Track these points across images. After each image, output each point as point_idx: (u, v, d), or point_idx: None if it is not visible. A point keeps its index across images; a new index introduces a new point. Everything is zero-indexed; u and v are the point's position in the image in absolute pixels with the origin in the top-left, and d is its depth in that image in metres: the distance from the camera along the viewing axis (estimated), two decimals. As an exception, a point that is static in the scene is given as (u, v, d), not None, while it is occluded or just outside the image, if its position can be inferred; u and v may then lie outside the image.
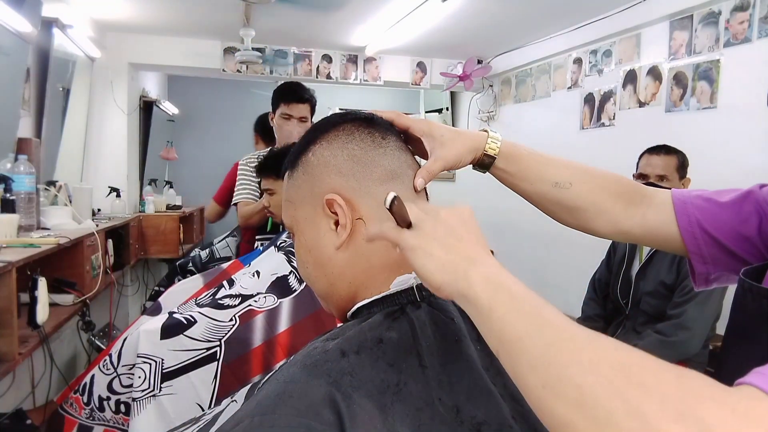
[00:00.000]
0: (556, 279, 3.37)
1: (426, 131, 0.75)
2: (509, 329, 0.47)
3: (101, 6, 2.97)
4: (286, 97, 2.44)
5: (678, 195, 0.80)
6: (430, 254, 0.54)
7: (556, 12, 2.95)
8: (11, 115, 2.26)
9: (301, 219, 0.70)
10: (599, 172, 0.85)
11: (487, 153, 0.79)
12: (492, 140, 0.79)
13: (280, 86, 2.51)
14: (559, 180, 0.81)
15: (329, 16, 3.08)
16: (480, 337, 0.62)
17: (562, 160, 0.84)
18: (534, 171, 0.82)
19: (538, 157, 0.83)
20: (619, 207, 0.82)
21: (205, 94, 5.39)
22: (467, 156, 0.78)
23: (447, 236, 0.55)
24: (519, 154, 0.82)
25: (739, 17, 2.24)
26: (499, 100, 4.13)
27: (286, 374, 0.56)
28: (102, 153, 3.47)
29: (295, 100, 2.42)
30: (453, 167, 0.77)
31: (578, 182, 0.82)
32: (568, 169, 0.83)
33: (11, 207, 1.88)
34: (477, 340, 0.62)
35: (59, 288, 2.07)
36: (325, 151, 0.68)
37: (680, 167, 2.07)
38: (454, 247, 0.54)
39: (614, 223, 0.83)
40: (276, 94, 2.47)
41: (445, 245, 0.54)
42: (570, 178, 0.82)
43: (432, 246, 0.54)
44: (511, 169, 0.81)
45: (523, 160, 0.82)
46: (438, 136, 0.75)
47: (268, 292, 1.47)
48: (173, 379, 1.30)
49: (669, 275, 2.04)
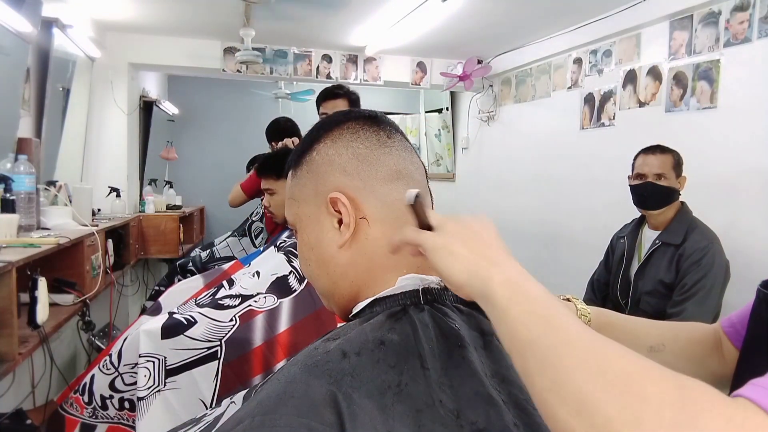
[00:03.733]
0: (556, 279, 3.37)
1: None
2: (522, 330, 0.48)
3: (101, 6, 2.97)
4: (321, 96, 2.50)
5: (724, 323, 0.79)
6: (453, 252, 0.54)
7: (556, 12, 2.95)
8: (11, 115, 2.26)
9: (305, 217, 0.69)
10: (680, 326, 0.81)
11: None
12: (582, 312, 0.76)
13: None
14: (652, 343, 0.76)
15: (329, 16, 3.08)
16: (485, 345, 0.62)
17: (644, 321, 0.80)
18: (627, 338, 0.76)
19: (625, 322, 0.79)
20: (715, 358, 0.78)
21: (205, 94, 5.39)
22: None
23: (470, 238, 0.55)
24: (608, 322, 0.77)
25: (739, 17, 2.24)
26: (499, 100, 4.13)
27: (287, 374, 0.56)
28: (102, 153, 3.47)
29: (330, 97, 2.45)
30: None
31: (670, 341, 0.77)
32: (656, 329, 0.79)
33: (11, 207, 1.88)
34: (482, 348, 0.62)
35: (59, 288, 2.06)
36: (329, 150, 0.68)
37: (676, 165, 2.08)
38: (478, 248, 0.54)
39: (713, 374, 0.78)
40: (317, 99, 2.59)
41: (468, 245, 0.55)
42: (661, 339, 0.77)
43: (456, 245, 0.55)
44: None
45: (614, 327, 0.77)
46: None
47: (268, 292, 1.47)
48: (176, 375, 1.31)
49: (668, 274, 2.04)
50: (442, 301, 0.65)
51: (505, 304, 0.49)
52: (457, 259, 0.54)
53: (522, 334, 0.47)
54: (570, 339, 0.45)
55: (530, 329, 0.47)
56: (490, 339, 0.63)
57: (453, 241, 0.55)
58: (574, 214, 3.28)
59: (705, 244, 1.99)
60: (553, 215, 3.47)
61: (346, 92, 2.51)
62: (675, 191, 2.08)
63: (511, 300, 0.49)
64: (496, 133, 4.17)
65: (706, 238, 2.01)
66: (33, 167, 2.05)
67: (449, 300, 0.66)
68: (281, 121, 3.31)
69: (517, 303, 0.49)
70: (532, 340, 0.47)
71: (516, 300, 0.49)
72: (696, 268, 1.96)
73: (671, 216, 2.11)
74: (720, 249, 2.00)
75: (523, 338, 0.47)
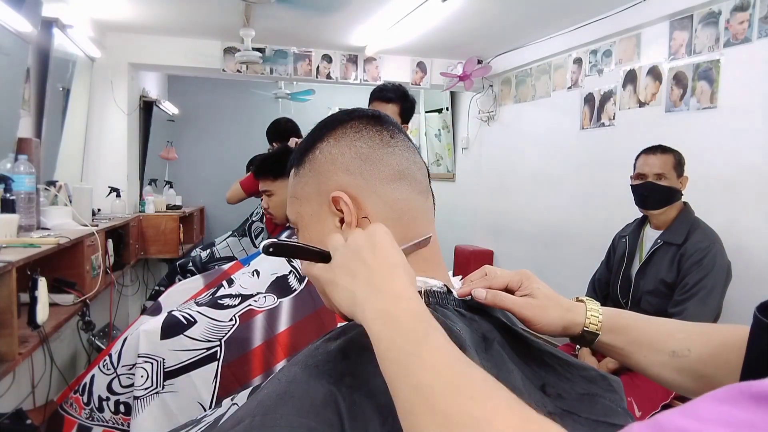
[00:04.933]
0: (556, 279, 3.37)
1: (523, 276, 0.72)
2: (387, 365, 0.48)
3: (101, 6, 2.97)
4: (372, 96, 2.31)
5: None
6: (338, 285, 0.56)
7: (556, 12, 2.95)
8: (11, 115, 2.26)
9: (306, 215, 0.69)
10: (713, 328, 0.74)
11: (588, 329, 0.70)
12: (592, 314, 0.71)
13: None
14: (676, 347, 0.70)
15: (329, 16, 3.08)
16: (487, 349, 0.62)
17: (671, 323, 0.74)
18: (645, 341, 0.72)
19: (645, 324, 0.73)
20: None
21: (205, 94, 5.39)
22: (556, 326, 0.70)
23: (351, 261, 0.55)
24: (625, 324, 0.72)
25: (739, 17, 2.24)
26: (499, 100, 4.13)
27: (287, 374, 0.56)
28: (102, 153, 3.47)
29: (380, 99, 2.27)
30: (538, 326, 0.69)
31: (698, 346, 0.70)
32: (682, 332, 0.72)
33: (11, 207, 1.88)
34: (484, 351, 0.62)
35: (59, 288, 2.06)
36: (332, 149, 0.67)
37: (677, 165, 2.08)
38: (357, 275, 0.54)
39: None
40: (370, 94, 2.36)
41: (349, 273, 0.55)
42: (687, 343, 0.71)
43: (339, 276, 0.56)
44: (619, 342, 0.71)
45: (631, 330, 0.72)
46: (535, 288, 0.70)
47: (268, 292, 1.47)
48: (175, 377, 1.31)
49: (669, 274, 2.04)
50: (445, 304, 0.65)
51: (376, 336, 0.50)
52: (339, 290, 0.55)
53: (387, 369, 0.48)
54: (426, 379, 0.45)
55: (392, 367, 0.48)
56: (491, 344, 0.63)
57: (338, 272, 0.56)
58: (574, 214, 3.28)
59: (707, 244, 1.99)
60: (553, 215, 3.47)
61: (399, 97, 2.27)
62: (676, 191, 2.07)
63: (381, 333, 0.50)
64: (496, 133, 4.17)
65: (707, 239, 2.01)
66: (33, 167, 2.05)
67: (452, 303, 0.66)
68: (282, 122, 3.32)
69: (385, 337, 0.49)
70: (392, 379, 0.47)
71: (385, 333, 0.49)
72: (697, 268, 1.96)
73: (673, 216, 2.11)
74: (722, 249, 2.00)
75: (388, 374, 0.48)
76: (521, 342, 0.67)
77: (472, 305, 0.68)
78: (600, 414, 0.63)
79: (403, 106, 2.31)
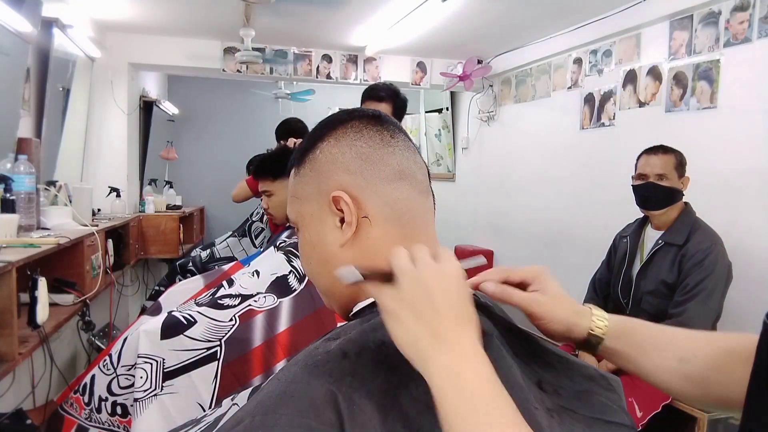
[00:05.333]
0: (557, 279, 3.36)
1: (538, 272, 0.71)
2: (453, 424, 0.48)
3: (101, 6, 2.97)
4: (365, 95, 2.30)
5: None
6: (400, 320, 0.54)
7: (556, 12, 2.95)
8: (11, 115, 2.26)
9: (307, 215, 0.69)
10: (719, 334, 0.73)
11: (594, 333, 0.70)
12: (598, 318, 0.71)
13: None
14: (683, 354, 0.69)
15: (329, 16, 3.08)
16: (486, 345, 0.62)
17: (677, 329, 0.73)
18: (651, 346, 0.70)
19: (651, 329, 0.72)
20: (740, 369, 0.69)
21: (205, 94, 5.39)
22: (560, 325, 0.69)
23: (421, 302, 0.53)
24: (631, 329, 0.71)
25: (739, 17, 2.24)
26: (499, 100, 4.13)
27: (287, 374, 0.56)
28: (102, 153, 3.47)
29: (372, 98, 2.26)
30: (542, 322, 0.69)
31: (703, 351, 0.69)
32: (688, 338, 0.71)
33: (11, 207, 1.88)
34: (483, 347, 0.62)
35: (59, 288, 2.06)
36: (333, 149, 0.68)
37: (678, 166, 2.08)
38: (425, 319, 0.52)
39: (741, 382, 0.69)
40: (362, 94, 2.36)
41: (416, 313, 0.53)
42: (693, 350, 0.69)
43: (404, 312, 0.53)
44: (623, 347, 0.70)
45: (636, 335, 0.71)
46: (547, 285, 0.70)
47: (268, 292, 1.47)
48: (174, 378, 1.30)
49: (670, 274, 2.04)
50: None
51: (440, 393, 0.50)
52: (403, 328, 0.53)
53: (457, 426, 0.48)
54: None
55: (462, 426, 0.48)
56: (491, 339, 0.63)
57: (403, 306, 0.53)
58: (574, 214, 3.28)
59: (708, 245, 1.99)
60: (553, 215, 3.47)
61: (390, 95, 2.27)
62: (677, 192, 2.07)
63: (445, 392, 0.50)
64: (496, 133, 4.17)
65: (709, 239, 2.01)
66: (33, 167, 2.05)
67: None
68: (292, 122, 3.26)
69: (450, 396, 0.49)
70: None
71: (450, 393, 0.49)
72: (698, 268, 1.96)
73: (674, 216, 2.11)
74: (723, 250, 2.00)
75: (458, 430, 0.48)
76: (521, 339, 0.67)
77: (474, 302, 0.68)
78: (597, 412, 0.63)
79: (396, 104, 2.31)
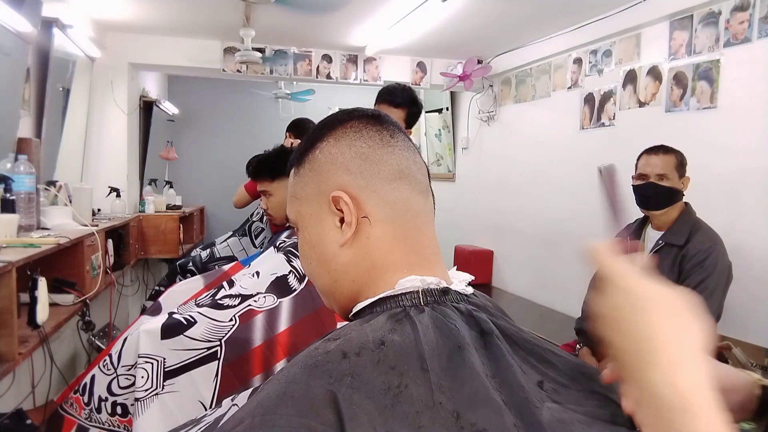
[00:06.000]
0: (556, 279, 3.37)
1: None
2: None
3: (101, 6, 2.97)
4: (380, 97, 2.23)
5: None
6: (653, 351, 0.48)
7: (556, 12, 2.95)
8: (11, 115, 2.26)
9: (306, 215, 0.69)
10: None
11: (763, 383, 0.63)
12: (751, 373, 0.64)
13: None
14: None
15: (329, 16, 3.08)
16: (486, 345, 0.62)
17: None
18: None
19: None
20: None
21: (205, 94, 5.39)
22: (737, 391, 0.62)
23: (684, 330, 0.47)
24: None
25: (739, 17, 2.24)
26: (499, 100, 4.13)
27: (287, 374, 0.56)
28: (102, 153, 3.47)
29: (388, 103, 2.18)
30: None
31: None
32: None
33: (11, 207, 1.88)
34: (483, 348, 0.62)
35: (59, 288, 2.07)
36: (333, 149, 0.68)
37: (679, 166, 2.07)
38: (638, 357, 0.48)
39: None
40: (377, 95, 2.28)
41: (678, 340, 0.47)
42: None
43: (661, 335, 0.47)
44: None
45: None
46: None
47: (268, 292, 1.47)
48: (175, 377, 1.31)
49: (671, 274, 2.04)
50: (443, 302, 0.65)
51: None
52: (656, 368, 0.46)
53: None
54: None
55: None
56: (491, 339, 0.63)
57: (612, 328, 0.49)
58: (574, 214, 3.28)
59: (708, 245, 1.98)
60: (553, 215, 3.47)
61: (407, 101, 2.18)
62: (677, 192, 2.07)
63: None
64: (496, 133, 4.17)
65: (709, 240, 2.01)
66: (33, 167, 2.05)
67: (449, 301, 0.66)
68: (305, 122, 3.27)
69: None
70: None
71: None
72: (699, 269, 1.96)
73: (675, 216, 2.11)
74: (723, 251, 2.00)
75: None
76: (521, 339, 0.67)
77: (472, 300, 0.68)
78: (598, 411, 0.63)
79: (410, 111, 2.25)
